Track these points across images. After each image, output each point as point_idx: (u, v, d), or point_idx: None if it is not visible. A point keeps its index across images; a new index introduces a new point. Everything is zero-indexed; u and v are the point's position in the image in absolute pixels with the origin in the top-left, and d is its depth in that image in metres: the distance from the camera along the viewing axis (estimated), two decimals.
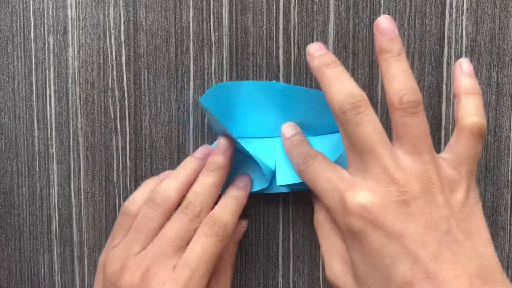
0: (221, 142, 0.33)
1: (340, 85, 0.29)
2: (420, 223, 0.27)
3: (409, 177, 0.27)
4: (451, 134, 0.35)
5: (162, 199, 0.31)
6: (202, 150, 0.34)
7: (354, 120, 0.28)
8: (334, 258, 0.30)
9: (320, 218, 0.32)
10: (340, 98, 0.28)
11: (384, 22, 0.29)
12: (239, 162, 0.35)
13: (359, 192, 0.27)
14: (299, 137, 0.33)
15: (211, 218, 0.31)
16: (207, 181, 0.32)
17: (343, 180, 0.29)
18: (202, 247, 0.31)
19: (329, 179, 0.29)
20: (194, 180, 0.33)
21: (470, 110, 0.30)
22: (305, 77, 0.35)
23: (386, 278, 0.27)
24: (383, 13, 0.35)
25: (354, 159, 0.29)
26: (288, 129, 0.34)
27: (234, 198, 0.33)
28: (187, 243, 0.31)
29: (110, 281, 0.31)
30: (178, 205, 0.32)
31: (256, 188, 0.35)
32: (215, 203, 0.33)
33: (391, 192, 0.27)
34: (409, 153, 0.28)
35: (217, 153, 0.33)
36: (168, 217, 0.32)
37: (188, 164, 0.33)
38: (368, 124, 0.28)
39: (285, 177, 0.34)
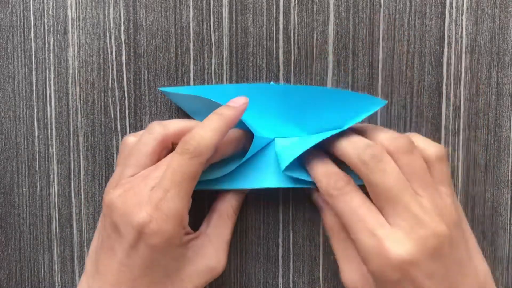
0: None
1: (352, 141, 0.30)
2: (447, 262, 0.29)
3: (436, 219, 0.29)
4: (451, 134, 0.35)
5: (161, 128, 0.31)
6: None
7: (380, 169, 0.29)
8: (353, 267, 0.31)
9: (332, 223, 0.32)
10: (357, 152, 0.29)
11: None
12: (241, 158, 0.34)
13: (400, 243, 0.28)
14: (341, 179, 0.31)
15: (187, 135, 0.30)
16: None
17: (380, 225, 0.29)
18: (172, 166, 0.29)
19: (365, 219, 0.29)
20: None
21: (425, 143, 0.31)
22: (305, 77, 0.35)
23: None
24: (383, 13, 0.35)
25: (385, 206, 0.29)
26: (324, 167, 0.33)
27: (220, 115, 0.30)
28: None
29: (103, 199, 0.31)
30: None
31: (258, 185, 0.34)
32: None
33: (426, 238, 0.28)
34: (420, 191, 0.29)
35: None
36: (161, 147, 0.31)
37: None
38: (393, 171, 0.29)
39: (288, 159, 0.33)
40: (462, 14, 0.35)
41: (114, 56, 0.36)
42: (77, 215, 0.37)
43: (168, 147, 0.32)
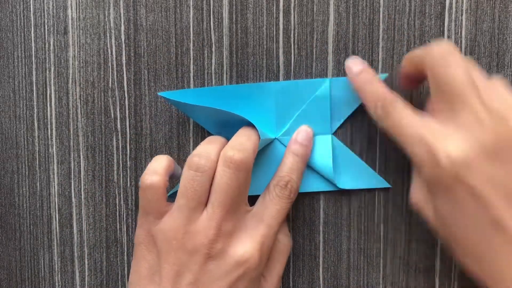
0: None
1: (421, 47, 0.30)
2: (509, 169, 0.26)
3: (500, 119, 0.27)
4: None
5: (205, 161, 0.30)
6: None
7: (445, 62, 0.28)
8: (417, 185, 0.30)
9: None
10: (427, 49, 0.29)
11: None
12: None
13: (451, 142, 0.27)
14: (368, 73, 0.32)
15: (283, 180, 0.32)
16: (249, 132, 0.32)
17: (430, 128, 0.28)
18: (276, 207, 0.32)
19: (414, 126, 0.28)
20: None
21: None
22: (305, 77, 0.35)
23: (470, 219, 0.27)
24: (383, 13, 0.35)
25: (441, 106, 0.28)
26: (354, 63, 0.33)
27: (299, 157, 0.33)
28: (240, 196, 0.31)
29: (172, 247, 0.30)
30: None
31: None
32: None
33: (483, 138, 0.26)
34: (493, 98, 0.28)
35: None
36: (211, 178, 0.30)
37: (220, 136, 0.33)
38: (459, 66, 0.28)
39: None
40: (462, 15, 0.35)
41: (114, 56, 0.36)
42: (77, 215, 0.37)
43: None
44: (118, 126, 0.36)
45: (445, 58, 0.28)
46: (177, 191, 0.31)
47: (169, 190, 0.31)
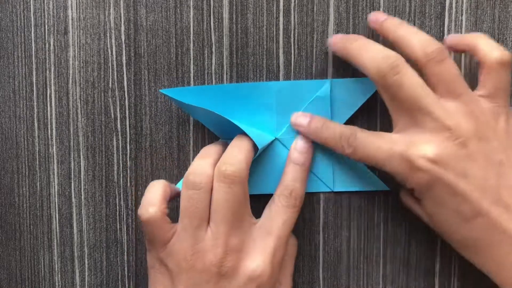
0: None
1: (370, 51, 0.30)
2: (480, 161, 0.29)
3: (458, 120, 0.29)
4: None
5: (200, 179, 0.30)
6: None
7: (396, 82, 0.30)
8: (404, 196, 0.33)
9: None
10: (375, 64, 0.30)
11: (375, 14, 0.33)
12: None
13: (421, 147, 0.29)
14: (318, 120, 0.33)
15: (287, 189, 0.32)
16: (242, 143, 0.32)
17: (395, 143, 0.30)
18: (283, 218, 0.31)
19: (380, 148, 0.30)
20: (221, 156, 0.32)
21: (490, 46, 0.31)
22: (305, 77, 0.35)
23: (454, 214, 0.30)
24: None
25: (401, 119, 0.31)
26: (301, 118, 0.34)
27: (300, 167, 0.33)
28: (240, 209, 0.31)
29: (183, 269, 0.30)
30: None
31: (262, 191, 0.35)
32: None
33: (448, 138, 0.29)
34: (450, 98, 0.30)
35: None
36: (211, 192, 0.31)
37: (214, 143, 0.34)
38: (411, 82, 0.29)
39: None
40: (462, 15, 0.35)
41: (114, 56, 0.36)
42: (77, 215, 0.37)
43: None
44: (118, 126, 0.36)
45: (396, 74, 0.30)
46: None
47: (170, 215, 0.31)
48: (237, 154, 0.31)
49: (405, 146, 0.30)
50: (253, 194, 0.35)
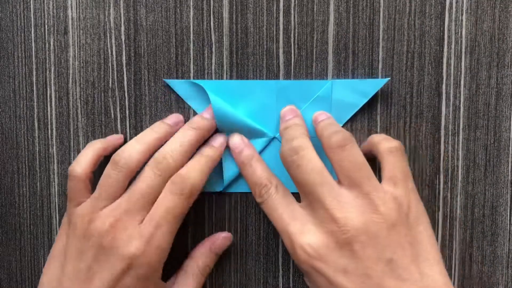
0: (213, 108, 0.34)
1: (288, 133, 0.32)
2: (364, 259, 0.28)
3: (350, 214, 0.29)
4: (451, 134, 0.35)
5: (124, 161, 0.32)
6: (173, 117, 0.35)
7: (294, 163, 0.30)
8: None
9: None
10: (285, 146, 0.31)
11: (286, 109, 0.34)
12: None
13: (305, 236, 0.29)
14: (248, 154, 0.34)
15: (179, 176, 0.32)
16: (184, 139, 0.33)
17: (294, 219, 0.30)
18: (166, 205, 0.31)
19: (281, 218, 0.31)
20: (159, 145, 0.33)
21: (380, 137, 0.32)
22: (305, 77, 0.35)
23: None
24: (383, 13, 0.35)
25: (303, 198, 0.31)
26: (236, 140, 0.34)
27: (206, 157, 0.33)
28: (156, 199, 0.32)
29: (77, 233, 0.31)
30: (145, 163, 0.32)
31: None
32: None
33: (334, 232, 0.29)
34: (349, 187, 0.30)
35: (204, 115, 0.34)
36: (130, 177, 0.32)
37: (156, 128, 0.34)
38: (308, 165, 0.30)
39: None
40: (462, 14, 0.35)
41: (114, 56, 0.36)
42: None
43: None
44: (118, 126, 0.36)
45: (295, 155, 0.30)
46: None
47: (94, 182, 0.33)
48: (177, 149, 0.32)
49: (296, 230, 0.30)
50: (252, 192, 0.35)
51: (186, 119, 0.36)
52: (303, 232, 0.29)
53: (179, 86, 0.35)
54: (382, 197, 0.29)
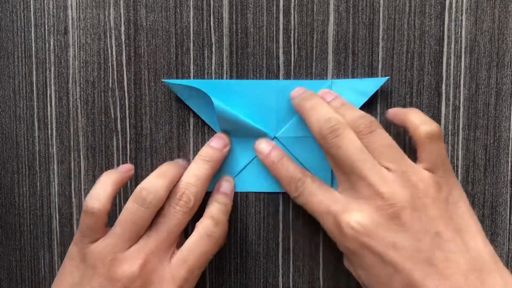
0: (220, 136, 0.34)
1: (317, 113, 0.31)
2: (412, 232, 0.28)
3: (393, 188, 0.29)
4: (451, 134, 0.35)
5: (153, 197, 0.31)
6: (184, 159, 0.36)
7: (335, 144, 0.30)
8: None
9: None
10: (318, 125, 0.30)
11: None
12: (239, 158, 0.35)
13: (352, 214, 0.29)
14: (277, 155, 0.34)
15: (214, 219, 0.32)
16: (200, 173, 0.33)
17: (335, 201, 0.30)
18: (203, 248, 0.31)
19: (322, 202, 0.31)
20: (179, 178, 0.33)
21: (419, 120, 0.31)
22: (305, 77, 0.35)
23: (386, 284, 0.29)
24: (383, 14, 0.35)
25: (342, 179, 0.31)
26: (263, 145, 0.34)
27: (223, 204, 0.34)
28: (180, 235, 0.32)
29: (98, 275, 0.30)
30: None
31: (262, 189, 0.36)
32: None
33: (380, 207, 0.29)
34: (387, 166, 0.29)
35: (213, 146, 0.34)
36: (155, 214, 0.31)
37: (175, 163, 0.34)
38: (348, 145, 0.30)
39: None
40: (462, 14, 0.35)
41: (114, 56, 0.36)
42: (77, 215, 0.37)
43: None
44: (118, 126, 0.36)
45: (335, 137, 0.30)
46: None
47: (111, 216, 0.32)
48: (194, 182, 0.32)
49: (340, 209, 0.30)
50: (252, 191, 0.35)
51: (186, 120, 0.36)
52: (348, 210, 0.29)
53: (178, 87, 0.35)
54: (420, 175, 0.29)
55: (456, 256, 0.28)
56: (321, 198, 0.31)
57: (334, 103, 0.33)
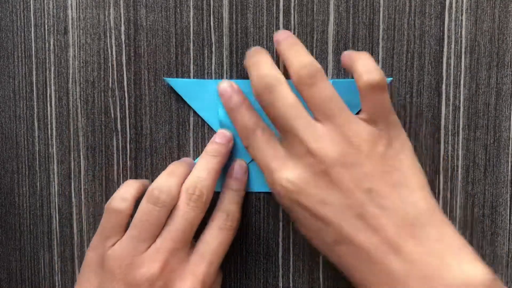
0: (223, 132, 0.34)
1: (257, 69, 0.31)
2: (342, 189, 0.28)
3: (325, 145, 0.28)
4: (451, 134, 0.35)
5: (166, 196, 0.31)
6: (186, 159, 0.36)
7: (270, 101, 0.30)
8: None
9: None
10: (255, 83, 0.30)
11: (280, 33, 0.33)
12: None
13: (285, 172, 0.29)
14: (237, 99, 0.33)
15: (225, 212, 0.32)
16: (210, 166, 0.33)
17: (275, 158, 0.30)
18: (218, 241, 0.32)
19: (264, 157, 0.31)
20: (187, 176, 0.33)
21: (365, 68, 0.30)
22: None
23: (320, 238, 0.30)
24: (383, 14, 0.35)
25: (282, 136, 0.31)
26: (226, 86, 0.33)
27: (236, 192, 0.34)
28: (194, 232, 0.31)
29: (115, 276, 0.30)
30: None
31: (263, 189, 0.35)
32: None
33: (310, 164, 0.29)
34: (323, 121, 0.29)
35: (218, 141, 0.34)
36: (169, 212, 0.31)
37: (183, 161, 0.34)
38: (281, 102, 0.29)
39: None
40: (462, 14, 0.35)
41: (114, 56, 0.36)
42: (77, 215, 0.37)
43: None
44: (118, 126, 0.36)
45: (269, 94, 0.30)
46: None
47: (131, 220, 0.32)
48: (205, 176, 0.32)
49: (277, 167, 0.30)
50: (252, 191, 0.35)
51: (186, 120, 0.36)
52: (282, 168, 0.29)
53: (179, 85, 0.35)
54: (355, 129, 0.29)
55: (389, 211, 0.28)
56: (265, 154, 0.30)
57: (283, 45, 0.31)
